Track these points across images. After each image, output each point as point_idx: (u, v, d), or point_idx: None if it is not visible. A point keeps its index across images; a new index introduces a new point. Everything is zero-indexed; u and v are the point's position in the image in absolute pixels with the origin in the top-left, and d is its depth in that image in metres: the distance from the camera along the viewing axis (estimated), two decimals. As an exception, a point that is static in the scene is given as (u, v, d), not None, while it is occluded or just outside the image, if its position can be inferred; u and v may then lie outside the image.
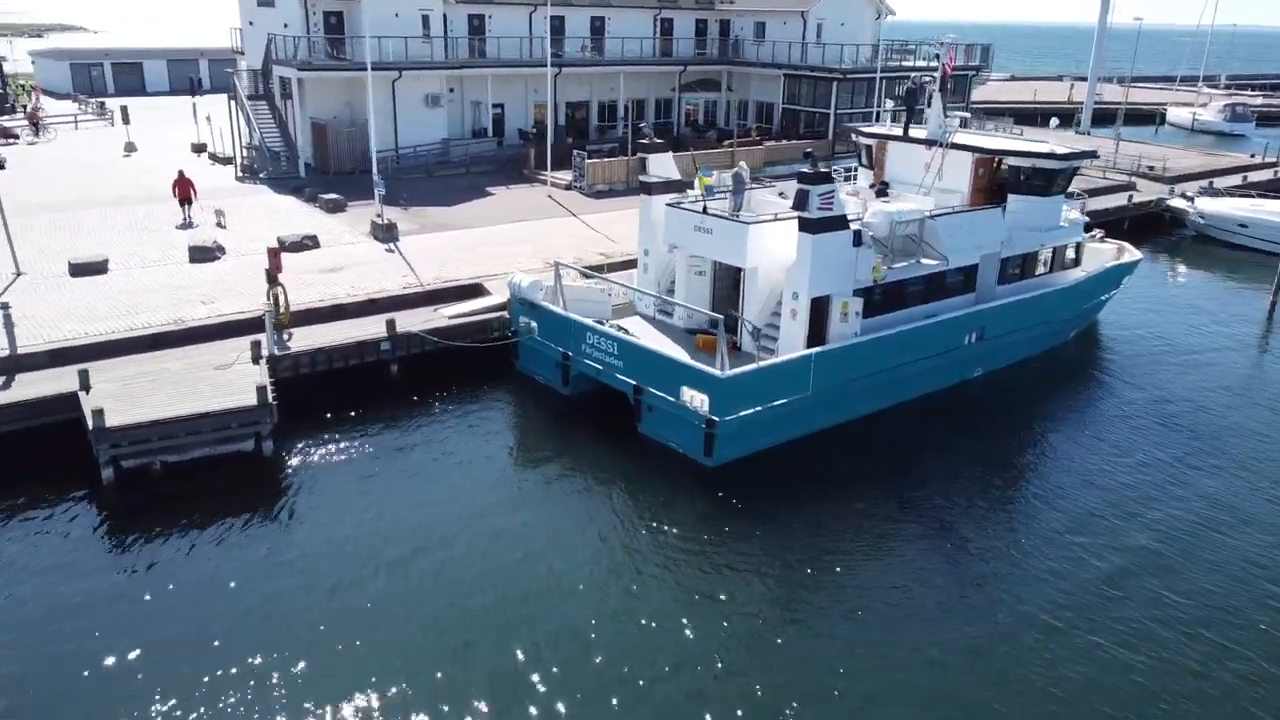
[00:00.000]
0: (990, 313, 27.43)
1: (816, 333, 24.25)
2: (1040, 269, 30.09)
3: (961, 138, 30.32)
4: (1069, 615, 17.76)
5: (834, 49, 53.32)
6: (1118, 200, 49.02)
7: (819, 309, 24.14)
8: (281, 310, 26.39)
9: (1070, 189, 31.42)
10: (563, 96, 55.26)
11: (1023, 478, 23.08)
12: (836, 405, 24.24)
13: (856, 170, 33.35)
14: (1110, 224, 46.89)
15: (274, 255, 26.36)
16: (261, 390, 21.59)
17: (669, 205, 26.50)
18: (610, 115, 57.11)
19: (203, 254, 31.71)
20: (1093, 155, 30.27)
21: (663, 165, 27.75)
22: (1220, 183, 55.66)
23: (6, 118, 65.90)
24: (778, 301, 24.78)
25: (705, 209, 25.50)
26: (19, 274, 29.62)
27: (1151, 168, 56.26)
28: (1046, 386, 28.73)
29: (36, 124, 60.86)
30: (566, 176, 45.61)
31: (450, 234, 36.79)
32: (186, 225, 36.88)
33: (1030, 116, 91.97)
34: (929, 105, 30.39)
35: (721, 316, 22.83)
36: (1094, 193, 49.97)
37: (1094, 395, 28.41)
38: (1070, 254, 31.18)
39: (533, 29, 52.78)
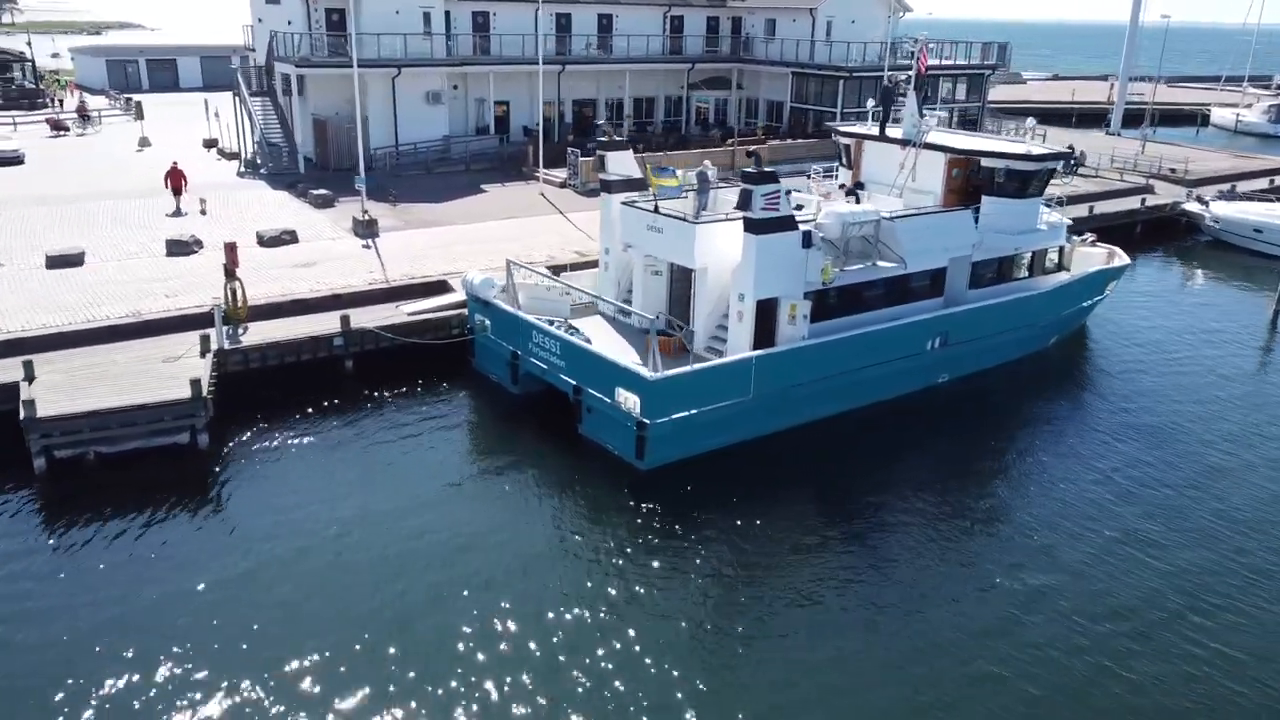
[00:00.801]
0: (955, 318, 26.74)
1: (765, 335, 23.81)
2: (1019, 273, 29.28)
3: (937, 138, 29.57)
4: (997, 627, 17.24)
5: (844, 47, 52.47)
6: (1130, 204, 47.65)
7: (768, 311, 23.69)
8: (239, 304, 26.60)
9: (1053, 192, 30.55)
10: (569, 94, 55.27)
11: (969, 487, 22.41)
12: (783, 409, 23.77)
13: (837, 170, 32.73)
14: (1121, 229, 45.74)
15: (230, 250, 26.53)
16: (195, 384, 21.71)
17: (623, 204, 26.22)
18: (619, 113, 56.88)
19: (180, 248, 32.10)
20: (1068, 157, 29.38)
21: (622, 163, 27.46)
22: (1246, 187, 53.95)
23: (42, 112, 67.54)
24: (729, 303, 24.37)
25: (657, 208, 25.17)
26: (-2, 265, 30.27)
27: (1173, 170, 54.60)
28: (1014, 394, 27.98)
29: (85, 116, 62.88)
30: (563, 174, 45.47)
31: (433, 230, 36.86)
32: (177, 214, 37.91)
33: (1064, 116, 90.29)
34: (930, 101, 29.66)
35: (653, 317, 22.52)
36: (1106, 196, 48.76)
37: (1062, 404, 27.60)
38: (1052, 258, 30.30)
39: (538, 26, 52.66)
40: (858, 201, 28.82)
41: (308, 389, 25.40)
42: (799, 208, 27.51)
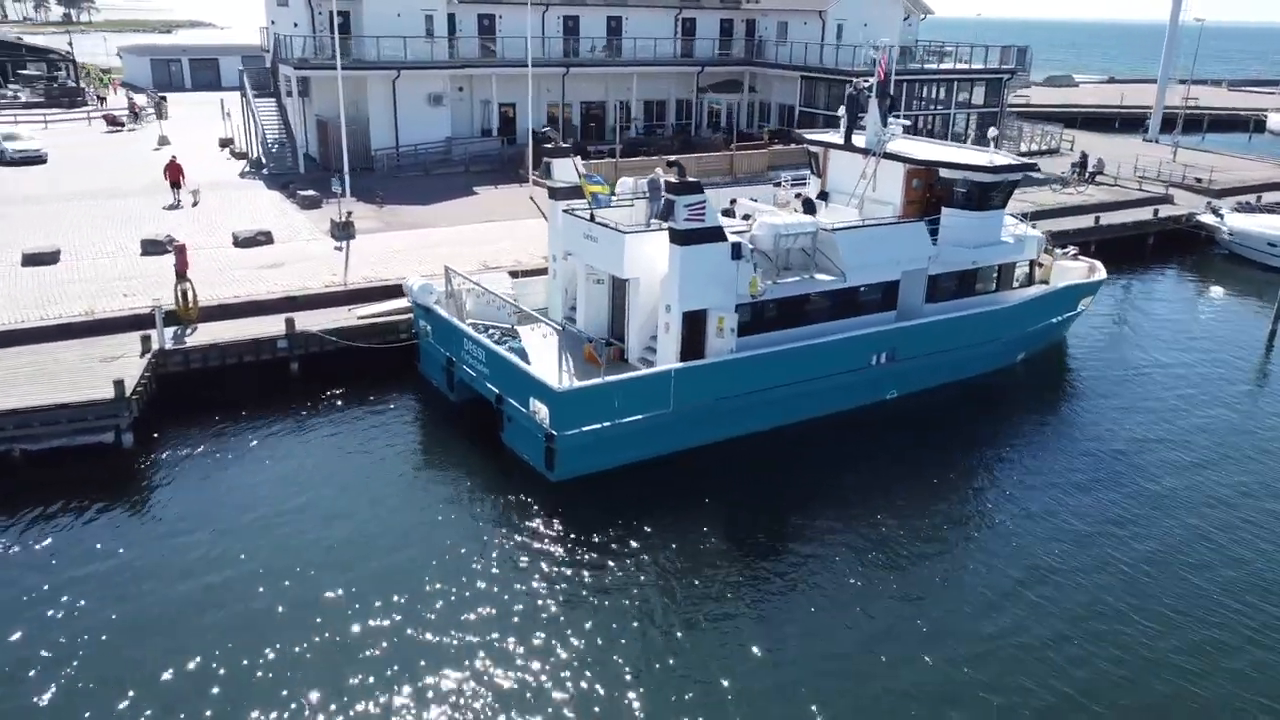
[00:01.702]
0: (902, 332, 26.06)
1: (695, 347, 23.47)
2: (984, 287, 28.45)
3: (903, 147, 28.81)
4: (893, 646, 16.76)
5: (853, 51, 51.51)
6: (1142, 214, 46.00)
7: (697, 323, 23.35)
8: (189, 305, 27.05)
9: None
10: (577, 96, 55.27)
11: (896, 506, 21.68)
12: (711, 423, 23.41)
13: (809, 178, 32.16)
14: (1129, 241, 44.27)
15: (179, 252, 26.97)
16: (119, 384, 22.11)
17: (564, 211, 26.07)
18: (628, 115, 56.74)
19: (154, 247, 32.75)
20: (1031, 168, 28.37)
21: (567, 169, 27.27)
22: (1276, 197, 51.72)
23: (82, 110, 69.67)
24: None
25: (593, 216, 24.95)
26: (-25, 262, 31.20)
27: (1199, 179, 52.62)
28: (967, 412, 27.12)
29: (136, 113, 65.85)
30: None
31: (411, 233, 37.11)
32: (175, 206, 39.93)
33: (1106, 121, 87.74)
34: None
35: (559, 326, 22.37)
36: (1117, 206, 47.19)
37: (1013, 424, 26.70)
38: (1022, 272, 29.39)
39: (545, 29, 52.83)
40: (812, 212, 28.23)
41: (251, 391, 25.73)
42: (746, 217, 27.18)
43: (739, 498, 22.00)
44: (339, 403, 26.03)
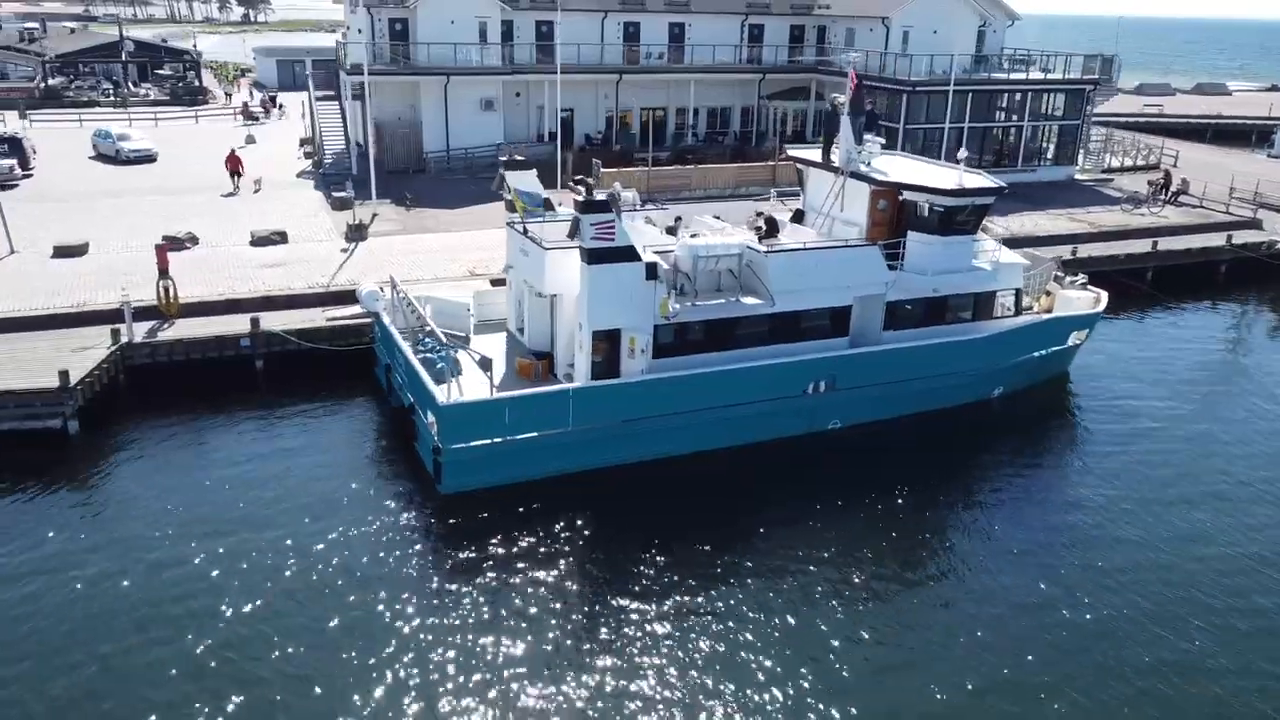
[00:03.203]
0: (842, 361, 24.97)
1: (611, 367, 23.26)
2: (957, 316, 26.93)
3: (884, 164, 27.57)
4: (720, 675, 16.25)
5: (920, 60, 49.48)
6: (1214, 240, 42.24)
7: (612, 342, 23.11)
8: (170, 301, 28.69)
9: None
10: (637, 102, 55.31)
11: (799, 539, 20.88)
12: (621, 444, 23.12)
13: (800, 195, 31.19)
14: (1197, 269, 40.81)
15: (160, 251, 28.62)
16: (64, 374, 23.71)
17: (507, 224, 26.24)
18: (694, 122, 56.44)
19: (174, 243, 34.78)
20: (1000, 192, 26.47)
21: (524, 182, 27.36)
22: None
23: (204, 108, 74.81)
24: (579, 331, 23.94)
25: (525, 230, 25.05)
26: (13, 251, 33.98)
27: (1299, 203, 48.01)
28: (917, 447, 25.66)
29: (268, 109, 71.73)
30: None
31: (426, 236, 38.10)
32: (233, 194, 44.21)
33: (1240, 134, 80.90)
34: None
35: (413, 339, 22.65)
36: (1187, 230, 43.61)
37: (967, 463, 25.17)
38: (1006, 301, 27.64)
39: (604, 35, 53.12)
40: (774, 232, 27.43)
41: (213, 387, 26.99)
42: (693, 235, 26.62)
43: (637, 521, 21.62)
44: (295, 405, 26.93)
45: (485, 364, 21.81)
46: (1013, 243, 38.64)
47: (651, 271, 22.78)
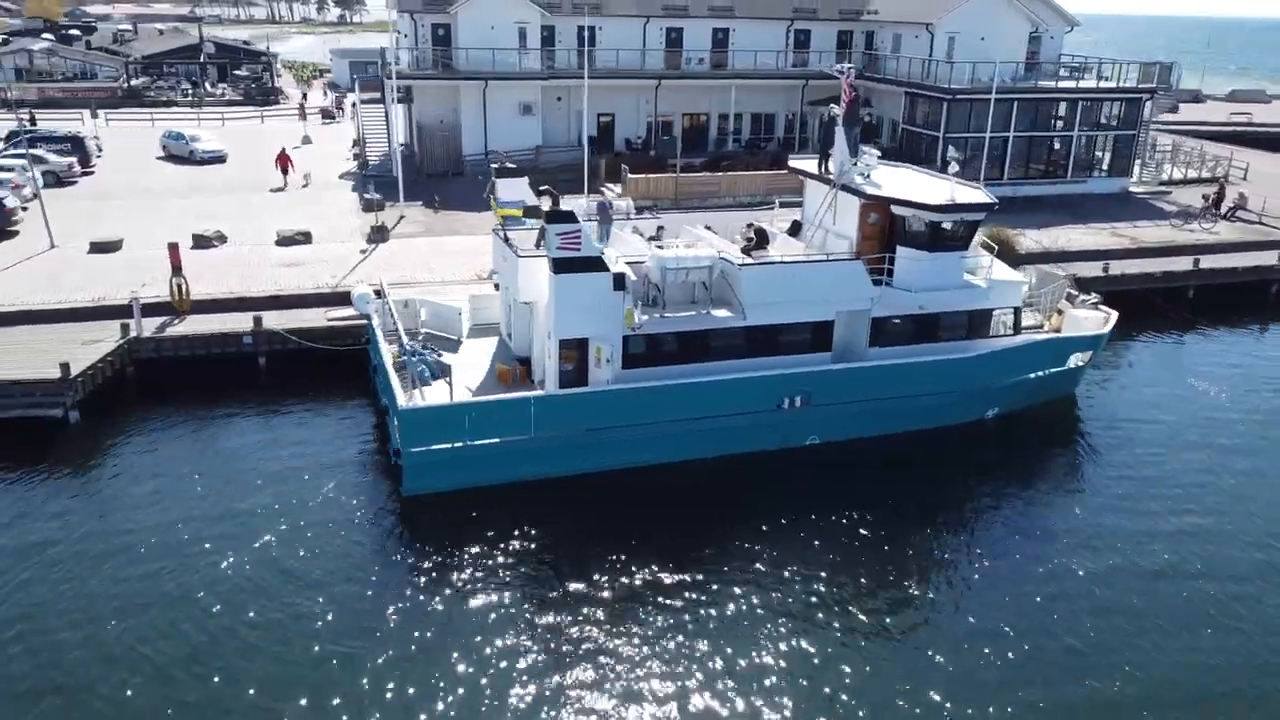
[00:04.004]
0: (817, 376, 24.61)
1: (581, 375, 23.40)
2: (950, 334, 26.28)
3: (880, 177, 27.06)
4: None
5: (963, 67, 48.21)
6: (1263, 258, 40.18)
7: (582, 351, 23.24)
8: (182, 298, 29.86)
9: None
10: (679, 108, 55.26)
11: (756, 557, 20.76)
12: (587, 452, 23.25)
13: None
14: (1246, 289, 38.91)
15: (173, 251, 29.77)
16: (65, 366, 24.91)
17: (493, 230, 26.58)
18: (735, 127, 56.19)
19: (203, 241, 36.24)
20: (990, 208, 25.64)
21: (515, 190, 27.67)
22: None
23: (273, 109, 77.58)
24: (553, 339, 24.12)
25: (506, 237, 25.35)
26: (53, 246, 35.77)
27: (1374, 221, 45.32)
28: (897, 466, 25.09)
29: (339, 109, 74.86)
30: (617, 189, 45.88)
31: (447, 239, 38.77)
32: (281, 189, 46.41)
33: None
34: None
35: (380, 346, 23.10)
36: (1236, 248, 41.61)
37: (949, 486, 24.46)
38: (1004, 320, 26.88)
39: (646, 40, 53.26)
40: (764, 243, 27.19)
41: (217, 382, 28.02)
42: (659, 246, 26.47)
43: (598, 530, 21.75)
44: (294, 400, 27.73)
45: (442, 370, 22.14)
46: (1038, 258, 37.68)
47: (619, 282, 22.82)
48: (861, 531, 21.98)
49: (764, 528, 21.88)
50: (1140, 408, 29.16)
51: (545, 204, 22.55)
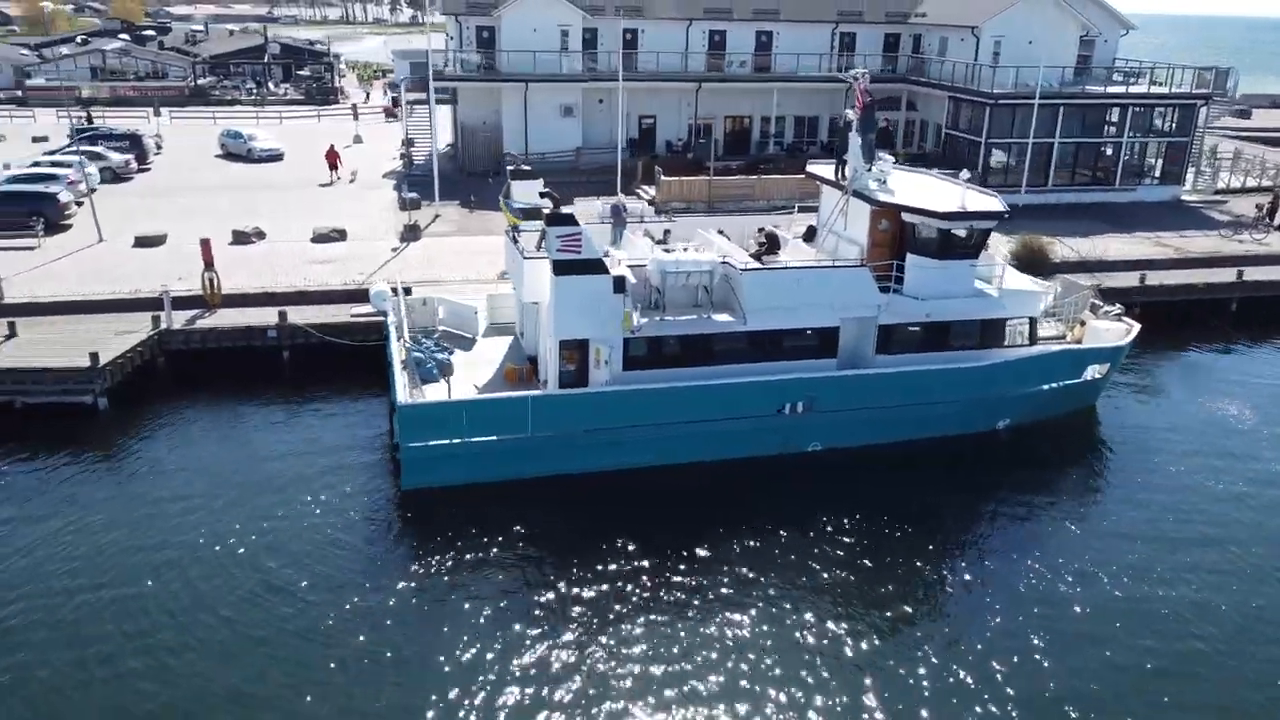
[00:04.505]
0: (819, 382, 24.55)
1: (581, 376, 23.73)
2: (963, 343, 25.98)
3: (895, 183, 26.87)
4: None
5: (1012, 70, 47.41)
6: (1315, 270, 38.82)
7: (582, 352, 23.56)
8: (213, 292, 30.93)
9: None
10: (722, 110, 55.31)
11: (733, 563, 20.81)
12: (585, 453, 23.55)
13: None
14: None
15: (205, 246, 30.81)
16: (94, 356, 26.04)
17: (505, 232, 27.03)
18: (778, 130, 56.04)
19: (242, 238, 37.46)
20: (1000, 215, 25.20)
21: (528, 190, 28.07)
22: None
23: (332, 108, 79.49)
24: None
25: (514, 238, 25.78)
26: (100, 240, 37.29)
27: None
28: (899, 476, 24.79)
29: (398, 107, 74.66)
30: (651, 192, 46.11)
31: (481, 238, 39.37)
32: (329, 184, 48.29)
33: None
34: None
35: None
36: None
37: (943, 498, 24.11)
38: (1020, 330, 26.49)
39: (689, 43, 53.42)
40: (775, 248, 27.23)
41: (244, 374, 29.01)
42: (666, 250, 26.62)
43: (590, 530, 22.04)
44: (315, 393, 28.53)
45: (443, 369, 22.64)
46: (1074, 267, 36.92)
47: (619, 285, 23.07)
48: (859, 538, 21.87)
49: (763, 532, 21.91)
50: (1159, 425, 28.35)
51: (548, 206, 22.90)
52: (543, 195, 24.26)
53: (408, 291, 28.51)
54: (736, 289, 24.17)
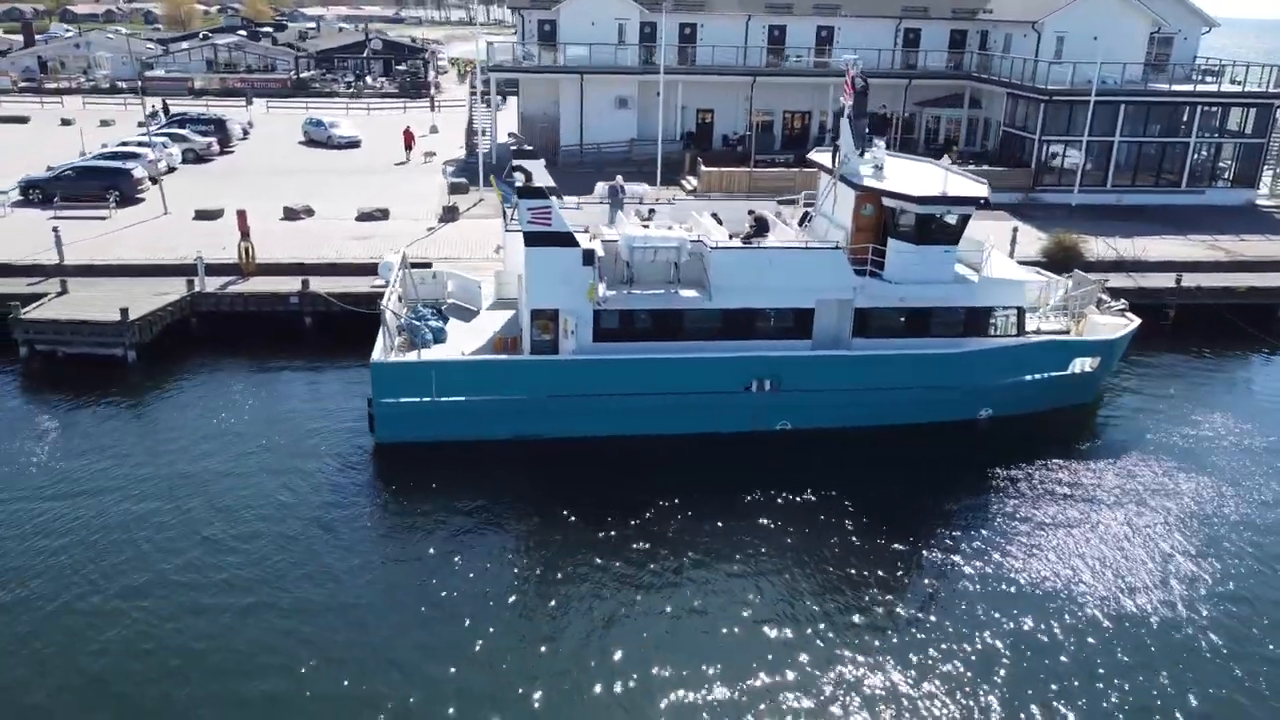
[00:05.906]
0: (784, 362, 24.85)
1: (554, 345, 24.71)
2: (944, 330, 25.88)
3: (890, 170, 26.94)
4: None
5: (1070, 67, 46.18)
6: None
7: (554, 322, 24.53)
8: (249, 260, 33.15)
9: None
10: (780, 105, 55.45)
11: (690, 542, 21.23)
12: (550, 418, 24.51)
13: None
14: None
15: (241, 218, 33.03)
16: (124, 312, 28.41)
17: (501, 208, 28.20)
18: (833, 125, 55.71)
19: (291, 214, 39.85)
20: (977, 201, 24.80)
21: (533, 171, 29.12)
22: None
23: (413, 102, 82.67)
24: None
25: (505, 214, 26.92)
26: (166, 212, 40.23)
27: None
28: (860, 458, 24.86)
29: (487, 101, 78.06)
30: (692, 181, 46.76)
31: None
32: (404, 163, 51.61)
33: None
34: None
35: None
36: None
37: (911, 484, 24.08)
38: (1008, 318, 26.21)
39: (748, 38, 53.78)
40: (764, 231, 27.59)
41: (269, 337, 31.10)
42: (671, 227, 27.31)
43: (553, 495, 23.04)
44: (331, 357, 30.28)
45: (437, 336, 24.12)
46: (1108, 266, 35.89)
47: (589, 258, 23.93)
48: (820, 516, 22.14)
49: (725, 506, 22.38)
50: (1156, 428, 27.34)
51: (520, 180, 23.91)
52: (514, 169, 25.22)
53: (422, 266, 29.99)
54: (706, 266, 24.72)
